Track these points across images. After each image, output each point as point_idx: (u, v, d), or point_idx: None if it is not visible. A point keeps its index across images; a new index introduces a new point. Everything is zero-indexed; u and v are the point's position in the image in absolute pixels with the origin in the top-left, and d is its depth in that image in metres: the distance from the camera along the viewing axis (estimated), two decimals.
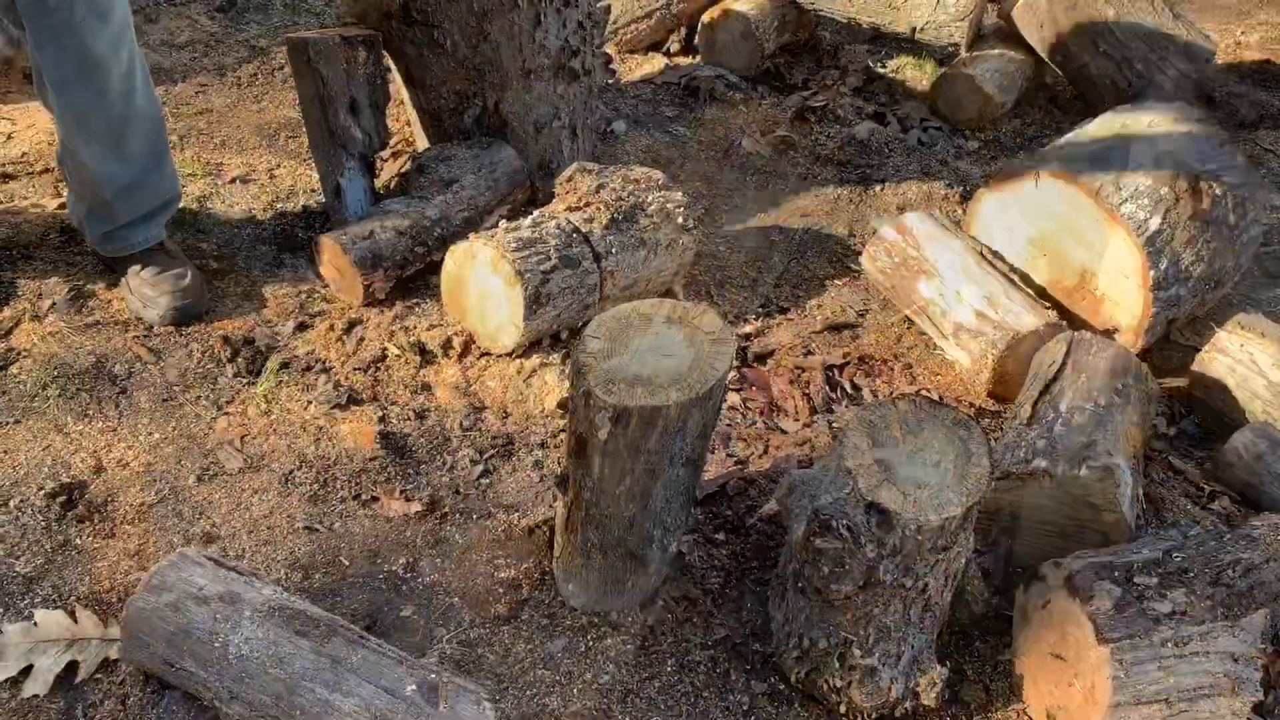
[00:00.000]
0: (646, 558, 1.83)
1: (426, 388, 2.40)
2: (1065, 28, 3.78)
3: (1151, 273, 2.42)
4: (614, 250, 2.50)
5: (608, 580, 1.87)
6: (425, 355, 2.48)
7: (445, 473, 2.19)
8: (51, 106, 2.36)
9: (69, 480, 2.07)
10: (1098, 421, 2.05)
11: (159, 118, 2.50)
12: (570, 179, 2.65)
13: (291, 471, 2.15)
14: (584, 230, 2.49)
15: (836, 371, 2.57)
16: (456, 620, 1.89)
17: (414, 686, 1.55)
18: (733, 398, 2.42)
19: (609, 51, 4.10)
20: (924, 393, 2.53)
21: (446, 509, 2.11)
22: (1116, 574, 1.70)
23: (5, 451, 2.12)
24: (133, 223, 2.52)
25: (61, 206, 2.77)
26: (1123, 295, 2.50)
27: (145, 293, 2.48)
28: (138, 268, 2.51)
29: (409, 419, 2.31)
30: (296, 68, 2.65)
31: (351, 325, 2.53)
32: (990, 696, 1.85)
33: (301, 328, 2.53)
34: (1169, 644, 1.62)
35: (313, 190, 3.04)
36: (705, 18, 4.01)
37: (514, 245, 2.36)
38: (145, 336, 2.44)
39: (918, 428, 1.67)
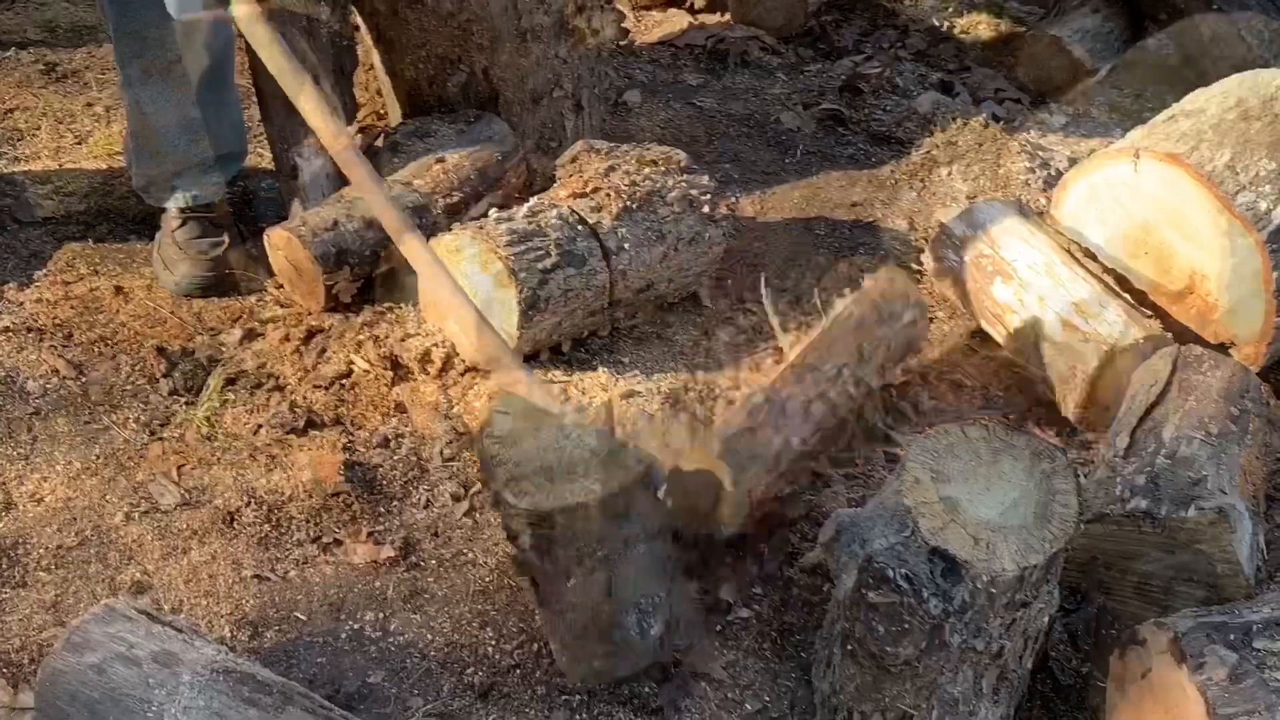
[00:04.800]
0: (626, 643, 1.84)
1: (400, 409, 2.42)
2: None
3: (1275, 275, 2.43)
4: (627, 245, 2.52)
5: (593, 657, 1.89)
6: (399, 370, 2.50)
7: (422, 511, 2.21)
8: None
9: None
10: (1209, 454, 2.06)
11: (222, 58, 2.64)
12: (575, 160, 2.68)
13: (238, 509, 2.17)
14: (591, 221, 2.51)
15: (893, 392, 2.58)
16: (434, 688, 1.90)
17: None
18: None
19: (621, 8, 4.13)
20: (999, 418, 2.54)
21: (424, 554, 2.13)
22: (1232, 637, 1.70)
23: None
24: (181, 173, 2.62)
25: None
26: (1240, 302, 2.51)
27: (170, 253, 2.65)
28: (176, 225, 2.65)
29: (379, 446, 2.33)
30: None
31: (310, 334, 2.56)
32: None
33: (250, 337, 2.56)
34: None
35: (264, 171, 3.07)
36: None
37: (507, 239, 2.39)
38: (63, 347, 2.47)
39: (992, 459, 1.68)
